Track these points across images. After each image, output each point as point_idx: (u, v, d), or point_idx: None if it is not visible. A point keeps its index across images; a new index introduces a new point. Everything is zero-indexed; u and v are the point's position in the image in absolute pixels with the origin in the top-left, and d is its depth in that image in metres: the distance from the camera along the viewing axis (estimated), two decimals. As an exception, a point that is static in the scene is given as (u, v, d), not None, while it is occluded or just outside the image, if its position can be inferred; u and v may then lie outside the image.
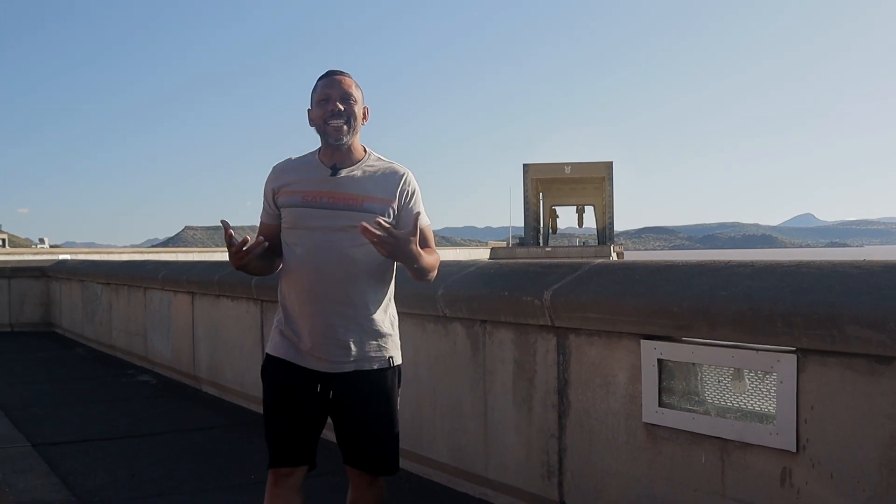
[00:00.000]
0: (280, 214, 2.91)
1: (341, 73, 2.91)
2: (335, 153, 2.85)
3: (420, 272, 2.74)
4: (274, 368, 2.92)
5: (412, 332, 4.58)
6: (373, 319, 2.84)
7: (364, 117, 2.92)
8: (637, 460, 3.38)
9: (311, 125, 2.91)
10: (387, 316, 2.90)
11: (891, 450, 2.58)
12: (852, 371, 2.67)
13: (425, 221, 2.80)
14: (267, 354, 2.95)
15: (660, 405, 3.26)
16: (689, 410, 3.19)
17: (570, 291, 3.60)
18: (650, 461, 3.32)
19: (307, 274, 2.83)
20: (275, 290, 3.02)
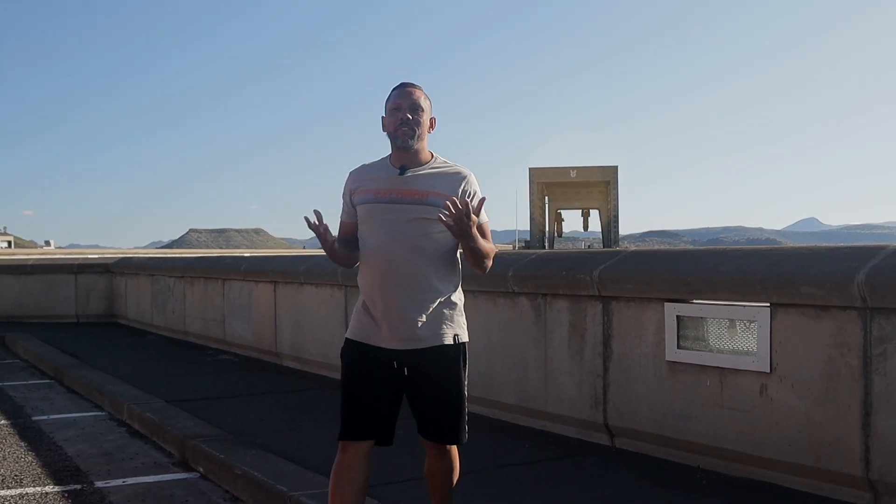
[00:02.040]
0: (357, 213, 3.25)
1: (413, 85, 3.22)
2: (404, 156, 3.17)
3: (477, 254, 3.08)
4: (352, 350, 3.24)
5: (485, 306, 6.02)
6: (439, 302, 3.14)
7: (431, 126, 3.23)
8: (661, 387, 4.82)
9: (384, 130, 3.22)
10: (452, 299, 3.20)
11: (828, 366, 4.02)
12: (805, 316, 4.11)
13: (484, 218, 3.12)
14: (346, 338, 3.28)
15: (678, 347, 4.70)
16: (698, 350, 4.63)
17: (614, 270, 5.05)
18: (671, 387, 4.76)
19: (379, 262, 3.13)
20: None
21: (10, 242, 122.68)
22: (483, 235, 3.11)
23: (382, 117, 3.20)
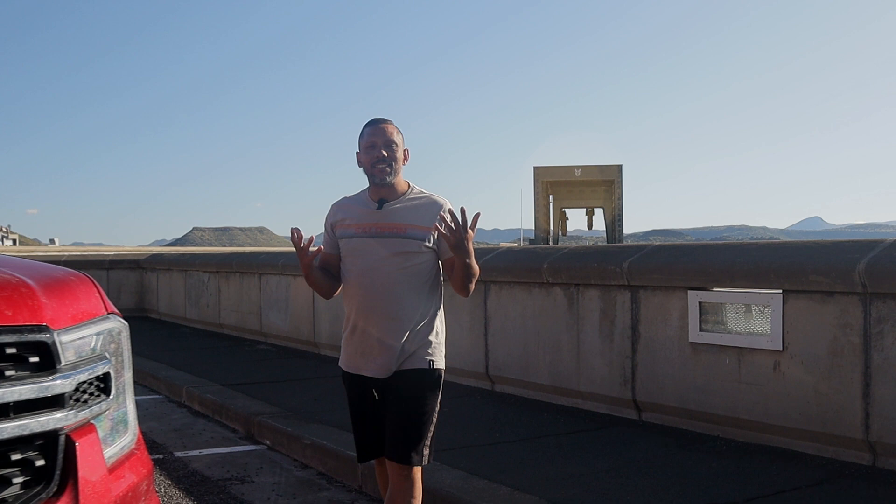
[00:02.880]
0: (338, 245, 3.35)
1: (384, 121, 3.31)
2: (381, 190, 3.28)
3: (468, 271, 3.16)
4: (346, 379, 3.41)
5: (521, 295, 6.64)
6: (417, 330, 3.22)
7: (405, 159, 3.33)
8: (685, 366, 5.43)
9: (360, 167, 3.33)
10: (432, 327, 3.27)
11: (833, 344, 4.63)
12: (813, 301, 4.72)
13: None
14: (339, 367, 3.44)
15: (700, 330, 5.31)
16: (718, 332, 5.24)
17: (641, 262, 5.66)
18: (694, 365, 5.37)
19: (360, 294, 3.25)
20: None
21: (14, 241, 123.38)
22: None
23: (357, 153, 3.31)
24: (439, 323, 3.31)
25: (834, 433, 4.65)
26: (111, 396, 2.06)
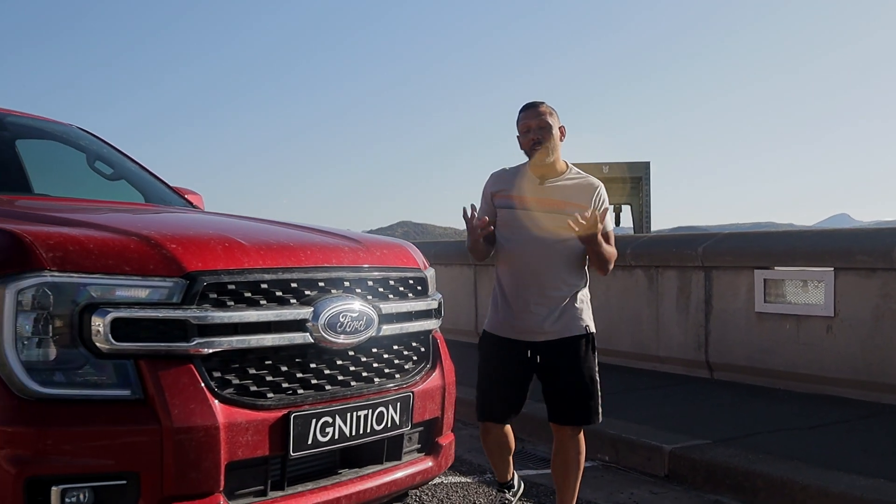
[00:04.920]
0: (495, 212, 3.55)
1: (538, 104, 3.50)
2: (541, 168, 3.49)
3: (601, 258, 3.44)
4: (489, 342, 3.60)
5: (606, 277, 7.87)
6: (570, 298, 3.46)
7: (562, 136, 3.51)
8: (751, 332, 6.64)
9: (521, 149, 3.54)
10: (581, 296, 3.52)
11: (876, 311, 5.85)
12: (859, 276, 5.93)
13: (609, 227, 3.52)
14: (484, 331, 3.65)
15: (764, 302, 6.53)
16: (780, 303, 6.46)
17: (714, 246, 6.89)
18: (759, 331, 6.59)
19: (518, 264, 3.46)
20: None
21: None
22: (607, 241, 3.50)
23: (517, 136, 3.54)
24: (587, 291, 3.62)
25: (876, 381, 5.85)
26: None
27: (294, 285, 2.59)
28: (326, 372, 2.64)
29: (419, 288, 3.07)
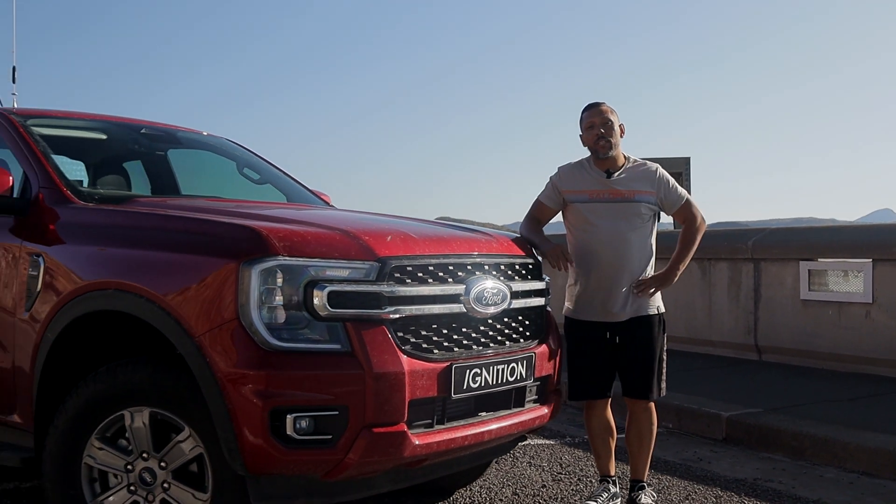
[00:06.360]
0: (559, 202, 3.93)
1: (600, 103, 3.84)
2: (605, 162, 3.83)
3: (691, 255, 4.04)
4: (573, 327, 3.95)
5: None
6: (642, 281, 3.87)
7: (622, 133, 3.84)
8: (797, 317, 7.36)
9: (584, 145, 3.87)
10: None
11: (911, 297, 6.55)
12: (895, 267, 6.62)
13: (683, 196, 3.91)
14: (566, 317, 3.99)
15: (809, 290, 7.25)
16: (823, 291, 7.18)
17: (763, 240, 7.63)
18: (804, 317, 7.31)
19: (595, 252, 3.80)
20: None
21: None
22: (690, 209, 3.95)
23: (580, 135, 3.89)
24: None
25: (911, 361, 6.56)
26: None
27: (451, 268, 3.39)
28: (473, 335, 3.43)
29: (536, 272, 3.85)
